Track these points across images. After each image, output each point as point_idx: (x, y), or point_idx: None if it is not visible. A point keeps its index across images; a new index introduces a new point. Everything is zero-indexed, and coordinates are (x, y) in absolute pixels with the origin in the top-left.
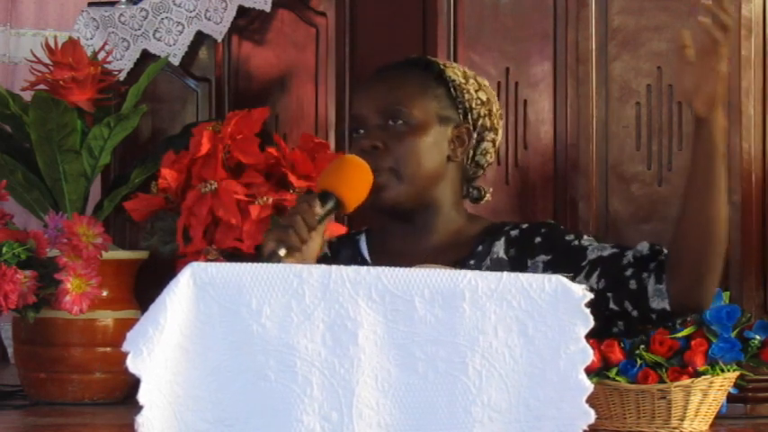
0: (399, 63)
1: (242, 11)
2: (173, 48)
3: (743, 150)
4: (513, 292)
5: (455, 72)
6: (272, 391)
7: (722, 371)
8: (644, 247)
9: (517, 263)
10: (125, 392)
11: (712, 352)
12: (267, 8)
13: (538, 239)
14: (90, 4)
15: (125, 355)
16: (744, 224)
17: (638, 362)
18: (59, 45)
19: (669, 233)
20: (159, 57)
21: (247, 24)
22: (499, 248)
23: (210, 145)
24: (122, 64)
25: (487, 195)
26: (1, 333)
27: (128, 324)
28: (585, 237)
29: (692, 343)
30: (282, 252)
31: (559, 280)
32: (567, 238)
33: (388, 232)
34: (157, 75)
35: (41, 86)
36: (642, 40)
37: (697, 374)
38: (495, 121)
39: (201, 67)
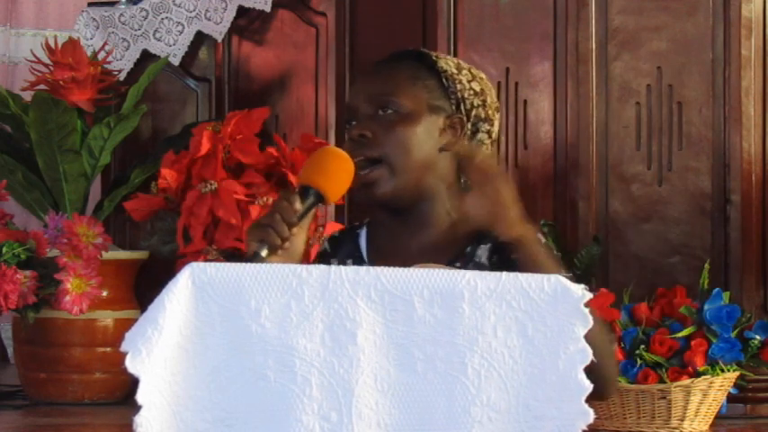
0: (393, 54)
1: (242, 11)
2: (173, 48)
3: (743, 150)
4: (512, 292)
5: (448, 63)
6: (272, 391)
7: (722, 371)
8: None
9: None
10: (125, 392)
11: (712, 352)
12: (267, 8)
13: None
14: (90, 4)
15: (125, 355)
16: (744, 224)
17: (638, 362)
18: (59, 45)
19: (669, 233)
20: (159, 57)
21: (247, 24)
22: (483, 253)
23: (210, 145)
24: (122, 64)
25: None
26: (1, 333)
27: (128, 324)
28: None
29: (692, 343)
30: (264, 252)
31: (559, 280)
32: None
33: (386, 227)
34: (157, 75)
35: (41, 86)
36: (642, 40)
37: (697, 374)
38: (491, 113)
39: (201, 67)
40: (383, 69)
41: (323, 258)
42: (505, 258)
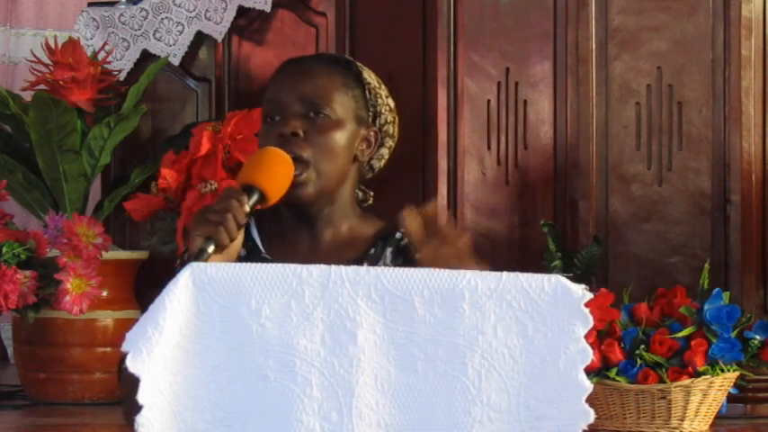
0: (320, 57)
1: (242, 11)
2: (173, 48)
3: (743, 150)
4: (512, 292)
5: (371, 75)
6: (272, 391)
7: (722, 371)
8: None
9: None
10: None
11: (712, 352)
12: (267, 8)
13: (418, 256)
14: (90, 4)
15: (125, 355)
16: (744, 224)
17: (638, 362)
18: (59, 45)
19: (669, 233)
20: (159, 57)
21: (247, 24)
22: (388, 255)
23: (210, 145)
24: (122, 64)
25: (370, 200)
26: (1, 333)
27: (128, 324)
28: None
29: (692, 343)
30: (211, 249)
31: (559, 280)
32: None
33: (281, 222)
34: (157, 75)
35: (41, 86)
36: (642, 40)
37: (697, 374)
38: (396, 130)
39: (201, 67)
40: (316, 71)
41: None
42: (409, 259)
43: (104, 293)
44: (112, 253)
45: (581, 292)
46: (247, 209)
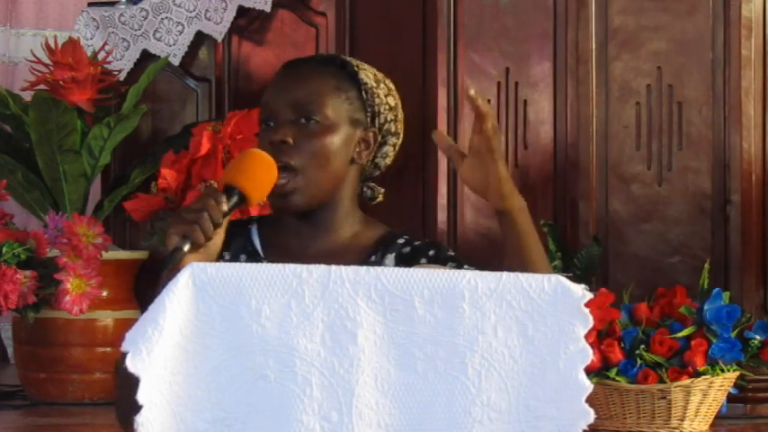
0: (315, 59)
1: (242, 11)
2: (173, 48)
3: (743, 150)
4: (512, 292)
5: (368, 75)
6: (272, 391)
7: (722, 371)
8: None
9: None
10: None
11: (712, 352)
12: (267, 8)
13: (423, 261)
14: (90, 4)
15: (125, 355)
16: (744, 224)
17: (638, 362)
18: (59, 45)
19: (669, 233)
20: (159, 57)
21: (247, 24)
22: (390, 262)
23: (210, 145)
24: (122, 64)
25: (380, 196)
26: (1, 333)
27: (128, 324)
28: (466, 265)
29: (692, 343)
30: (186, 247)
31: (559, 280)
32: (450, 264)
33: (282, 227)
34: (157, 75)
35: (41, 86)
36: (642, 40)
37: (697, 374)
38: (400, 126)
39: (201, 67)
40: (308, 75)
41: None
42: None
43: (104, 293)
44: (112, 253)
45: (581, 292)
46: (225, 208)
